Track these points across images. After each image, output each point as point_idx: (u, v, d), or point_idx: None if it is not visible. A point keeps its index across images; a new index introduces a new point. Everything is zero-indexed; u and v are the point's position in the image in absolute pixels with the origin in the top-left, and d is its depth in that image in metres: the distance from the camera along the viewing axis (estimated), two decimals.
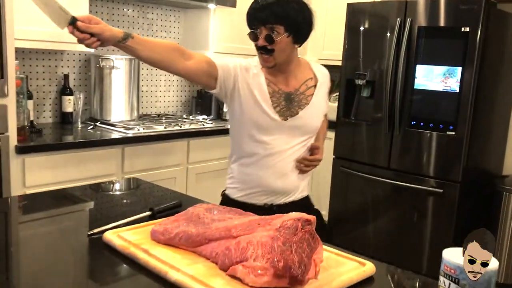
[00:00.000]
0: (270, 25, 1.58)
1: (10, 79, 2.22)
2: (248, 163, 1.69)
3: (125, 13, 3.24)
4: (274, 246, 0.92)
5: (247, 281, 0.90)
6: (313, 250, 0.95)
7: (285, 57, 1.64)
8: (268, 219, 1.04)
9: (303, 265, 0.90)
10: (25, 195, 2.00)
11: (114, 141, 2.63)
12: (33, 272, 1.04)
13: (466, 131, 2.83)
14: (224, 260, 0.97)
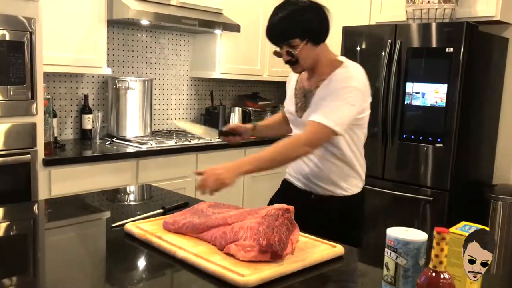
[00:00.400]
0: (286, 42, 1.70)
1: (39, 100, 2.51)
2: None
3: (139, 39, 3.54)
4: (259, 229, 1.17)
5: (239, 256, 1.15)
6: (291, 232, 1.20)
7: (311, 61, 1.74)
8: (257, 210, 1.29)
9: (282, 243, 1.15)
10: (54, 198, 2.26)
11: (129, 154, 2.90)
12: (62, 259, 1.30)
13: (453, 142, 3.06)
14: (221, 242, 1.22)
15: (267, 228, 1.17)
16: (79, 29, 2.87)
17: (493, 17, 3.22)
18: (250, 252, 1.14)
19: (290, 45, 1.69)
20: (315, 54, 1.73)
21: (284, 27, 1.68)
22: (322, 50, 1.75)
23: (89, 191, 2.58)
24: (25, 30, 2.40)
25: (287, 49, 1.71)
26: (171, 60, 3.77)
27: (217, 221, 1.29)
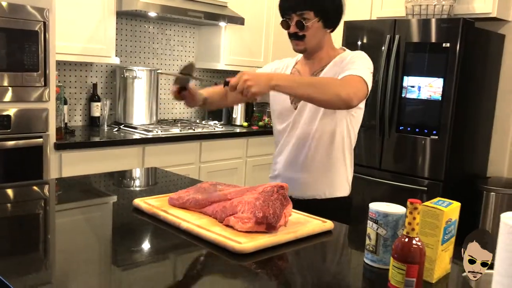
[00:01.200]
0: (300, 11, 1.65)
1: (51, 87, 2.64)
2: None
3: (146, 30, 3.65)
4: (256, 203, 1.29)
5: (237, 227, 1.27)
6: (284, 207, 1.32)
7: (316, 42, 1.69)
8: (255, 187, 1.41)
9: (276, 216, 1.27)
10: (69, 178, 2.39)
11: (135, 141, 3.03)
12: (72, 231, 1.42)
13: (448, 135, 3.17)
14: (221, 215, 1.34)
15: (263, 202, 1.29)
16: (90, 20, 2.99)
17: (490, 14, 3.32)
18: (247, 223, 1.26)
19: (302, 17, 1.65)
20: (322, 37, 1.70)
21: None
22: (327, 38, 1.74)
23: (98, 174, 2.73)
24: (39, 20, 2.52)
25: (297, 19, 1.66)
26: (177, 51, 3.88)
27: (218, 197, 1.41)
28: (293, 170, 1.82)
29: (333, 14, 1.69)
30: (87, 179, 2.06)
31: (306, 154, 1.78)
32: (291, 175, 1.82)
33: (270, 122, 4.01)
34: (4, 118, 2.47)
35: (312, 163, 1.77)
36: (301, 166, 1.79)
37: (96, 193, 1.85)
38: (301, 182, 1.80)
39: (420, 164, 3.30)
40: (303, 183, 1.80)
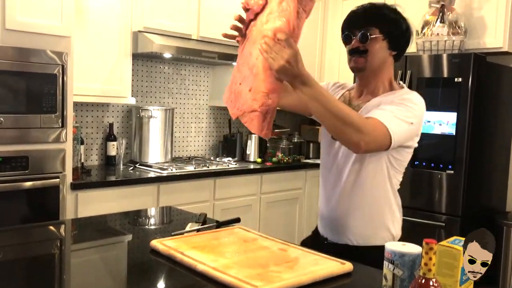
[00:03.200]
0: (365, 28, 1.56)
1: (69, 128, 2.69)
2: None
3: (161, 70, 3.74)
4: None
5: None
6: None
7: (378, 62, 1.58)
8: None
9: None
10: (85, 218, 2.41)
11: (150, 179, 3.05)
12: (87, 271, 1.43)
13: (463, 170, 3.15)
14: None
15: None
16: (107, 62, 3.08)
17: (501, 48, 3.35)
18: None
19: (367, 31, 1.55)
20: (384, 59, 1.59)
21: (373, 12, 1.59)
22: (389, 64, 1.62)
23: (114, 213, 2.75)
24: (57, 63, 2.61)
25: (362, 31, 1.56)
26: (192, 90, 3.96)
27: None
28: (328, 208, 1.71)
29: (399, 36, 1.59)
30: (103, 218, 2.08)
31: (340, 192, 1.65)
32: (326, 214, 1.73)
33: (284, 158, 4.02)
34: (22, 160, 2.52)
35: (346, 204, 1.65)
36: (334, 205, 1.68)
37: (111, 233, 1.86)
38: (334, 224, 1.69)
39: (437, 199, 3.27)
40: (336, 225, 1.68)
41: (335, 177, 1.67)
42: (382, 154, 1.58)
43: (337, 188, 1.67)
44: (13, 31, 2.46)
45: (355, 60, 1.59)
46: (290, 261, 1.38)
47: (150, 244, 1.53)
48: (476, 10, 3.45)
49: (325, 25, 4.44)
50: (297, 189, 3.94)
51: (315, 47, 4.39)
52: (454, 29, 3.39)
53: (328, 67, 4.45)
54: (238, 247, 1.51)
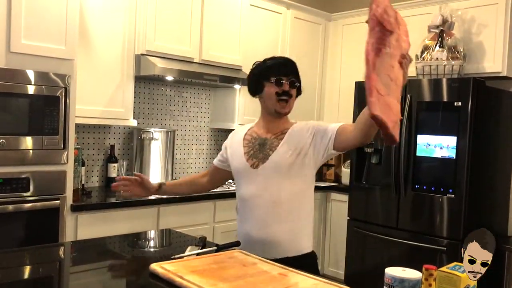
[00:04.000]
0: (292, 76, 1.91)
1: (70, 149, 2.70)
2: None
3: (163, 92, 3.77)
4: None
5: None
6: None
7: (292, 106, 1.94)
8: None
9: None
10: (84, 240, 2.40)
11: (150, 202, 3.04)
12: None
13: (464, 193, 3.14)
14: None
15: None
16: (109, 84, 3.11)
17: (500, 73, 3.38)
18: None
19: (296, 78, 1.91)
20: (293, 103, 1.94)
21: (294, 65, 1.95)
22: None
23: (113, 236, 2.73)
24: (60, 86, 2.63)
25: (292, 79, 1.90)
26: (193, 112, 3.98)
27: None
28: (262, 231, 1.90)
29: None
30: (102, 241, 2.07)
31: (279, 217, 1.88)
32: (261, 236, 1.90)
33: None
34: (23, 181, 2.52)
35: (284, 225, 1.88)
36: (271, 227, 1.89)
37: (111, 255, 1.86)
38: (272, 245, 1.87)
39: (438, 223, 3.25)
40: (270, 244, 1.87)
41: (270, 203, 1.88)
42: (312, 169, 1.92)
43: (273, 214, 1.89)
44: (18, 53, 2.49)
45: (283, 105, 1.91)
46: (290, 286, 1.37)
47: (149, 267, 1.52)
48: (474, 35, 3.49)
49: (325, 49, 4.49)
50: None
51: (316, 69, 4.43)
52: (453, 54, 3.42)
53: (329, 88, 4.48)
54: (238, 271, 1.50)
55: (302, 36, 4.29)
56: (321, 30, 4.45)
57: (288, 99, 1.91)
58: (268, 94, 1.92)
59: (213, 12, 3.56)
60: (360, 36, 4.51)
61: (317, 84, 4.46)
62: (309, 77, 4.25)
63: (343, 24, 4.39)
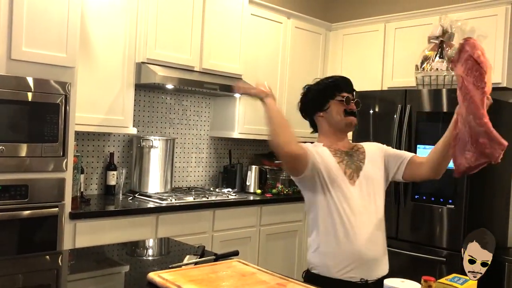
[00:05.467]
0: (353, 92, 1.96)
1: (69, 157, 2.70)
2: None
3: (163, 101, 3.78)
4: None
5: None
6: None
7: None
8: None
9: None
10: (83, 248, 2.39)
11: (149, 210, 3.04)
12: None
13: (464, 204, 3.13)
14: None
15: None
16: (109, 92, 3.11)
17: (500, 84, 3.38)
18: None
19: (354, 96, 1.96)
20: None
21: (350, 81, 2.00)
22: None
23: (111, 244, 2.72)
24: (61, 93, 2.63)
25: (355, 98, 1.95)
26: (193, 120, 3.98)
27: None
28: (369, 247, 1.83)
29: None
30: (100, 249, 2.06)
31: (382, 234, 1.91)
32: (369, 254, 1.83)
33: (284, 189, 4.01)
34: (22, 188, 2.52)
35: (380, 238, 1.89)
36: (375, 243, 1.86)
37: (109, 264, 1.85)
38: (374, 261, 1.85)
39: (438, 233, 3.24)
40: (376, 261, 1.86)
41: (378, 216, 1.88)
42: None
43: (372, 225, 1.85)
44: (18, 61, 2.49)
45: (352, 120, 1.93)
46: None
47: (147, 276, 1.51)
48: None
49: (325, 59, 4.50)
50: (297, 221, 3.91)
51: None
52: None
53: None
54: (236, 281, 1.49)
55: (302, 45, 4.30)
56: (322, 40, 4.47)
57: (355, 116, 1.95)
58: (336, 110, 1.92)
59: (214, 21, 3.57)
60: (360, 46, 4.55)
61: None
62: None
63: (343, 34, 4.41)
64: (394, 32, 3.99)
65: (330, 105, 1.93)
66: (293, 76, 4.19)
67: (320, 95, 1.96)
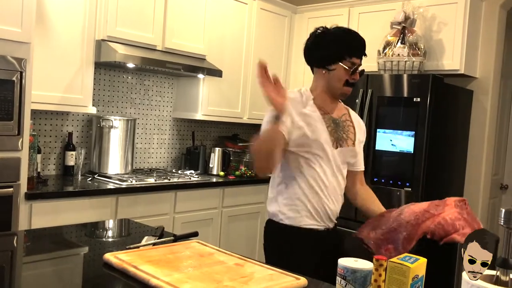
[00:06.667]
0: (361, 58, 1.88)
1: (25, 136, 2.62)
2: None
3: (124, 80, 3.70)
4: (467, 218, 1.64)
5: (459, 240, 1.60)
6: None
7: None
8: (440, 203, 1.70)
9: (478, 224, 1.63)
10: (39, 229, 2.33)
11: (109, 191, 2.99)
12: (38, 284, 1.38)
13: (420, 187, 3.22)
14: (441, 232, 1.64)
15: (468, 215, 1.63)
16: (68, 70, 3.02)
17: (458, 71, 3.47)
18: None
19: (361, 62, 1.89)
20: None
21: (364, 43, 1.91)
22: None
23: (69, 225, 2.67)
24: (16, 69, 2.53)
25: (362, 67, 1.90)
26: (155, 101, 3.92)
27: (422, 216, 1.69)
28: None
29: None
30: (58, 230, 2.02)
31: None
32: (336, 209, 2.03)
33: (247, 171, 4.02)
34: None
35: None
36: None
37: (67, 245, 1.81)
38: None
39: None
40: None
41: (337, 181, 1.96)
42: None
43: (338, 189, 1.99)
44: None
45: (350, 90, 1.92)
46: (245, 276, 1.37)
47: (103, 257, 1.49)
48: (435, 33, 3.57)
49: (290, 41, 4.50)
50: (259, 203, 3.94)
51: (281, 61, 4.44)
52: (414, 51, 3.49)
53: (293, 82, 4.50)
54: (194, 261, 1.49)
55: (267, 27, 4.29)
56: (287, 22, 4.46)
57: (353, 86, 1.92)
58: (338, 76, 1.86)
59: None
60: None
61: (281, 78, 4.46)
62: (274, 69, 4.25)
63: (308, 17, 4.41)
64: (358, 16, 4.02)
65: (336, 68, 1.86)
66: (258, 58, 4.16)
67: (327, 53, 1.86)
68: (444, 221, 1.57)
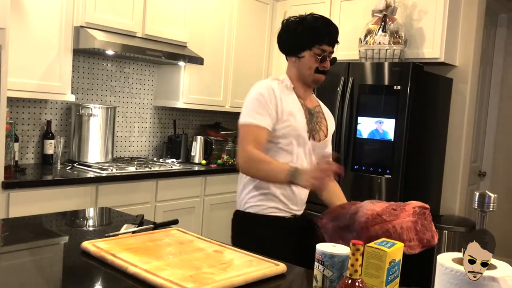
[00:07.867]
0: (333, 45, 1.84)
1: (1, 124, 2.56)
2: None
3: (104, 67, 3.64)
4: (417, 228, 1.52)
5: (406, 252, 1.47)
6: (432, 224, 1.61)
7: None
8: (401, 206, 1.61)
9: (434, 236, 1.51)
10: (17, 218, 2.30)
11: (89, 180, 2.95)
12: (17, 274, 1.37)
13: (400, 174, 3.26)
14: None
15: (422, 227, 1.53)
16: (45, 57, 2.96)
17: (438, 59, 3.50)
18: (416, 249, 1.50)
19: (333, 49, 1.85)
20: None
21: (337, 30, 1.87)
22: None
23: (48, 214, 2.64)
24: None
25: (333, 55, 1.86)
26: (135, 89, 3.88)
27: (373, 220, 1.58)
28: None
29: None
30: (37, 219, 1.99)
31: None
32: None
33: (229, 160, 4.01)
34: None
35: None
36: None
37: (46, 234, 1.79)
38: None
39: None
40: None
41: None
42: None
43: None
44: None
45: (322, 78, 1.89)
46: (225, 263, 1.37)
47: (81, 245, 1.48)
48: (415, 22, 3.59)
49: (272, 29, 4.47)
50: None
51: (263, 50, 4.42)
52: (395, 39, 3.51)
53: (276, 69, 4.48)
54: (174, 249, 1.49)
55: (249, 15, 4.26)
56: (269, 10, 4.43)
57: (326, 74, 1.88)
58: (308, 64, 1.85)
59: None
60: None
61: (263, 66, 4.44)
62: (256, 58, 4.23)
63: (290, 5, 4.39)
64: (340, 4, 4.01)
65: (305, 55, 1.85)
66: (240, 46, 4.15)
67: (297, 40, 1.85)
68: (393, 229, 1.51)
